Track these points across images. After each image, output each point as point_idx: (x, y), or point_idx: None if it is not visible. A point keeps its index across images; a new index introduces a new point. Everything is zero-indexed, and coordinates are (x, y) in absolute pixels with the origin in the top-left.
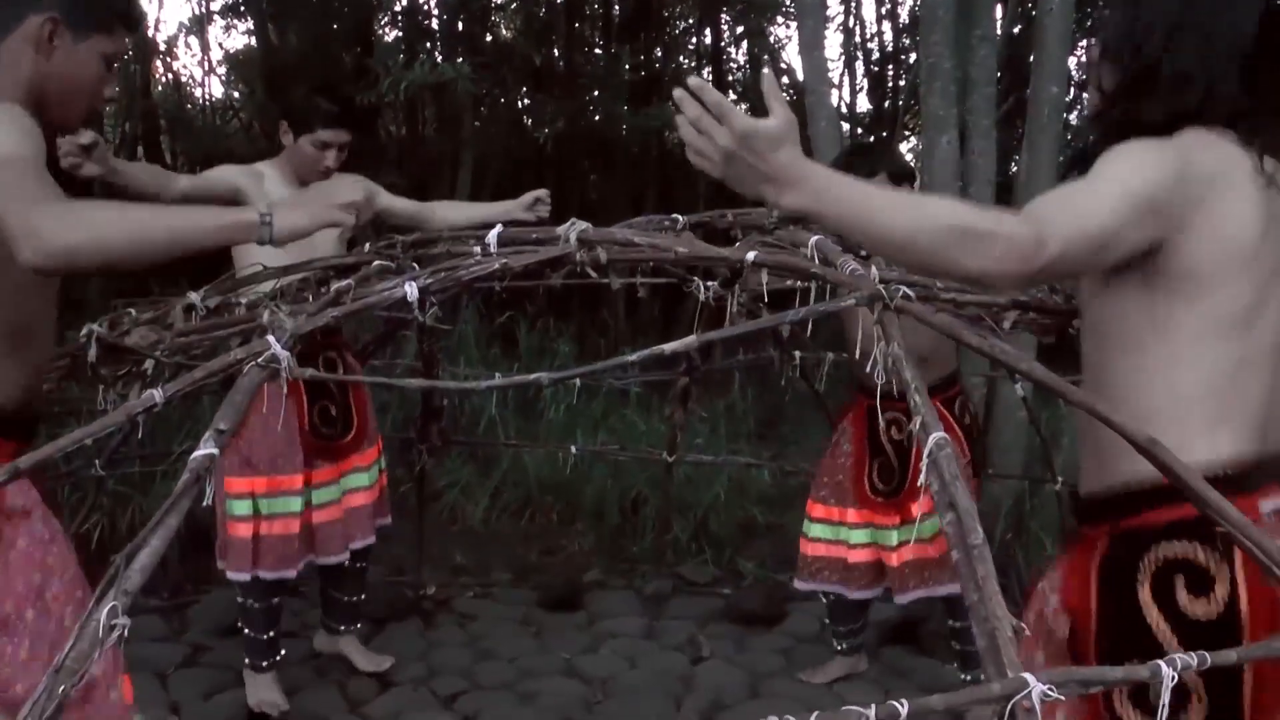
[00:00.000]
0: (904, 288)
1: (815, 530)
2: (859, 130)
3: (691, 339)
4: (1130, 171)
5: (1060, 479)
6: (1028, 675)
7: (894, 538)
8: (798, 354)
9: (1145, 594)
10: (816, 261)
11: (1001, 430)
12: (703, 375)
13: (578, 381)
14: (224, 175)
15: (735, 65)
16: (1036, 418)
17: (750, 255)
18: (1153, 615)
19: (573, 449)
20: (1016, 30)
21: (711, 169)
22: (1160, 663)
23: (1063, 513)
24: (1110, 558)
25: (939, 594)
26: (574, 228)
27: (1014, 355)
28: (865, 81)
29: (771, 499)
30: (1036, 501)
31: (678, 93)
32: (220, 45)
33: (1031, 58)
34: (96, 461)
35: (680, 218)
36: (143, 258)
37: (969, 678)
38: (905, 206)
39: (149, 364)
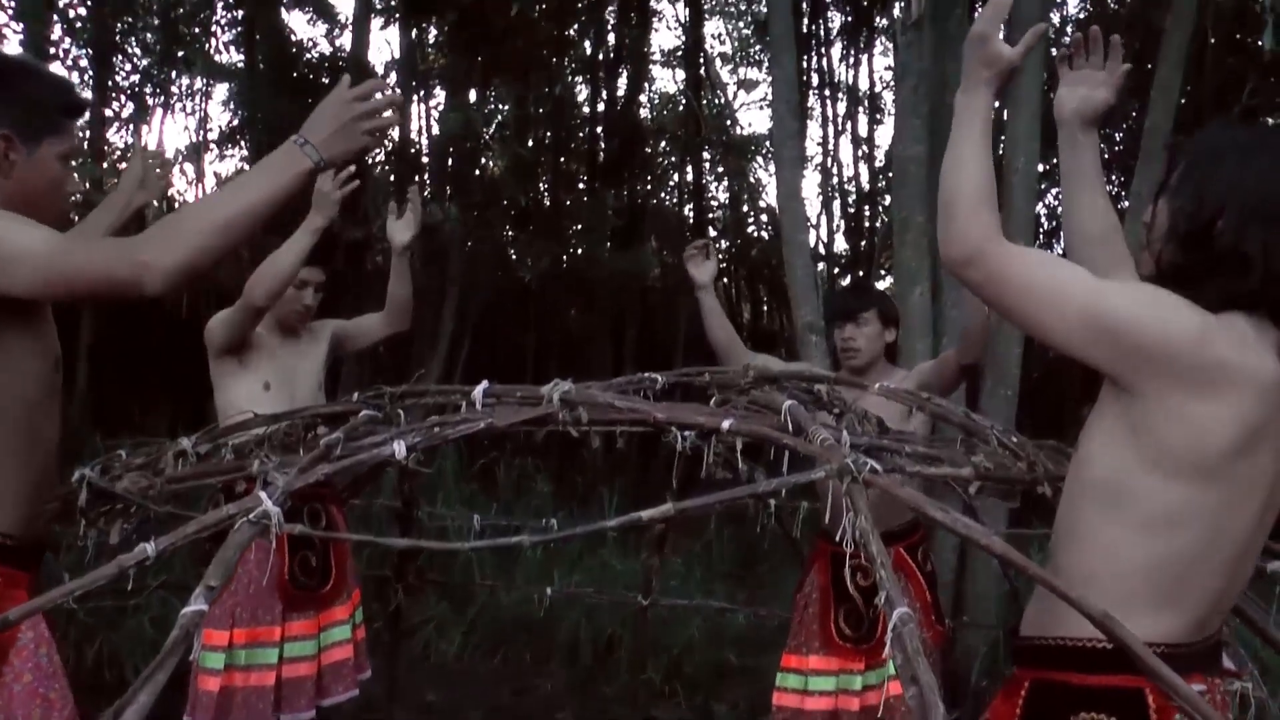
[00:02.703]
0: (871, 461)
1: (787, 680)
2: (836, 270)
3: (668, 507)
4: (1131, 297)
5: None
6: None
7: (858, 683)
8: (773, 501)
9: None
10: (789, 426)
11: (975, 578)
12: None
13: (555, 524)
14: (220, 314)
15: (716, 203)
16: (1008, 567)
17: (726, 423)
18: None
19: (548, 590)
20: None
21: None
22: None
23: None
24: (1031, 713)
25: None
26: (557, 388)
27: (977, 530)
28: (842, 222)
29: (746, 642)
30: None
31: None
32: (215, 173)
33: (1000, 208)
34: None
35: (659, 377)
36: (235, 242)
37: None
38: (961, 162)
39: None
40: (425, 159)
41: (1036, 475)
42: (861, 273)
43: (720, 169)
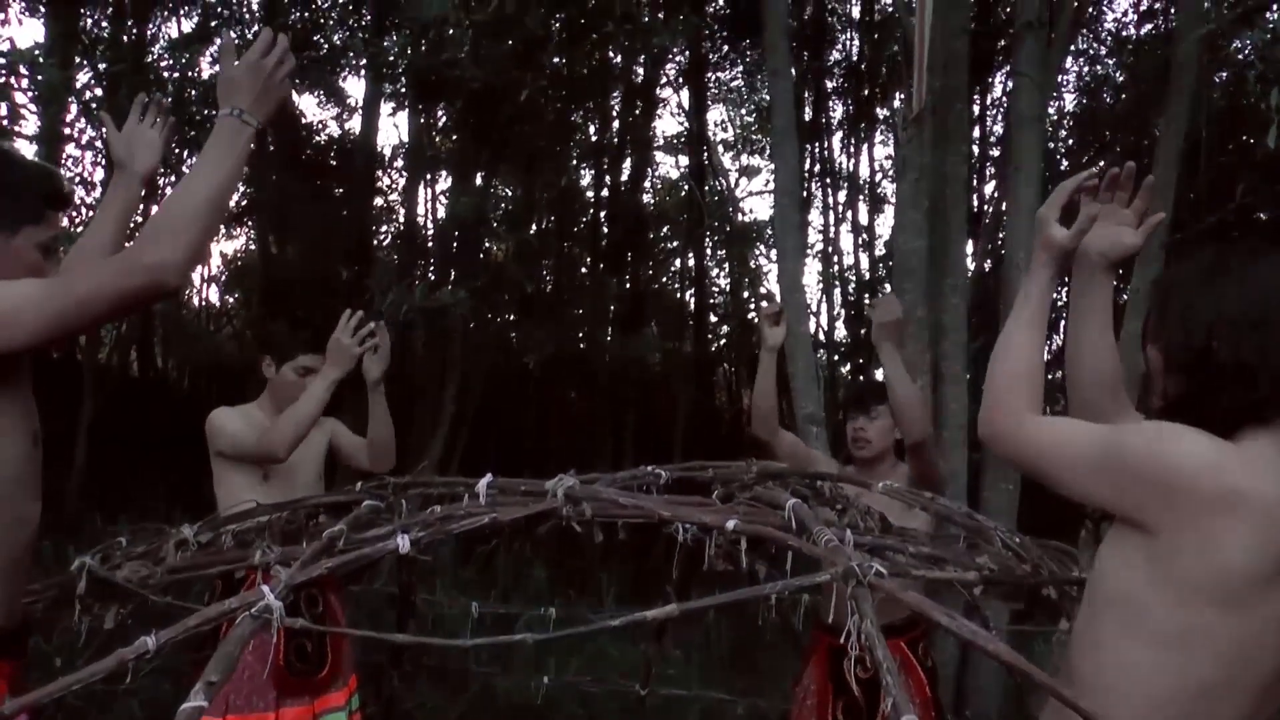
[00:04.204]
0: (876, 564)
1: None
2: (835, 358)
3: (672, 608)
4: (1137, 435)
5: None
6: None
7: None
8: (774, 597)
9: None
10: (793, 525)
11: (977, 672)
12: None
13: (553, 612)
14: (226, 424)
15: (717, 289)
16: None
17: (730, 523)
18: None
19: (544, 679)
20: (987, 266)
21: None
22: None
23: None
24: None
25: None
26: (561, 483)
27: (983, 636)
28: (842, 310)
29: None
30: None
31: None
32: (220, 252)
33: (999, 302)
34: None
35: (663, 472)
36: (221, 217)
37: None
38: (1007, 345)
39: None
40: (430, 243)
41: (1041, 578)
42: (862, 361)
43: (721, 255)
